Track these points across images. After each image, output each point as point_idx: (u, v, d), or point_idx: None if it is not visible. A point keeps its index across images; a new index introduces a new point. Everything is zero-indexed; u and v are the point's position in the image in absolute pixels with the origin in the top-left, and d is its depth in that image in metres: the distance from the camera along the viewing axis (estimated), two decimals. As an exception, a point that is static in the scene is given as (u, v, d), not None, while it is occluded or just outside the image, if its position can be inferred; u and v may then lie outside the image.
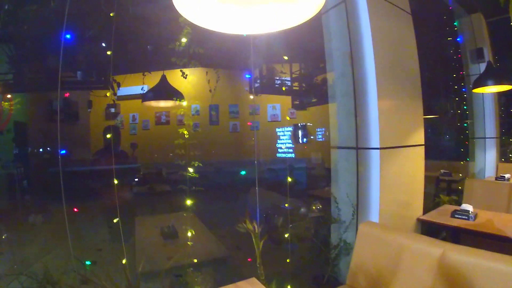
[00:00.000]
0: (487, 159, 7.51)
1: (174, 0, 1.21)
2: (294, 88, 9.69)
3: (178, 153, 3.38)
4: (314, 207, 4.95)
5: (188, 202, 3.40)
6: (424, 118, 4.11)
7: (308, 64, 9.34)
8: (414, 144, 3.89)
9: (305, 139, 10.93)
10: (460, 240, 4.64)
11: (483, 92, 4.92)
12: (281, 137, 10.93)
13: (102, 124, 8.77)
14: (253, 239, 2.87)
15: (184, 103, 3.99)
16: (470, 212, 3.87)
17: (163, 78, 4.47)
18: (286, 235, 3.75)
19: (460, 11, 7.55)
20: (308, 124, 10.96)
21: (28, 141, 8.02)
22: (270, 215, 4.90)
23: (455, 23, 7.82)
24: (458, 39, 7.81)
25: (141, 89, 7.01)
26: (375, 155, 3.37)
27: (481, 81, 4.12)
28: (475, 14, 7.59)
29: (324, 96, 4.21)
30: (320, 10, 1.29)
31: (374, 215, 3.44)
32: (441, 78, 8.24)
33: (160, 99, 4.58)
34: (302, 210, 4.92)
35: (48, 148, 7.89)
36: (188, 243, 3.34)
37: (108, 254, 4.08)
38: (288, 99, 10.38)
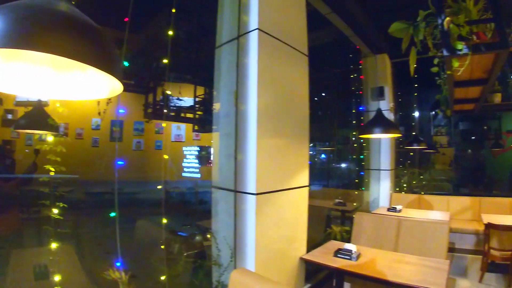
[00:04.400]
0: (381, 189, 7.54)
1: None
2: (198, 112, 8.93)
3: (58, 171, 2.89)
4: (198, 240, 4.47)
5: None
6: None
7: (210, 90, 8.59)
8: (298, 186, 3.61)
9: (210, 162, 10.26)
10: (344, 280, 4.44)
11: (369, 137, 4.78)
12: (188, 157, 10.31)
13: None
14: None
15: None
16: (353, 252, 3.65)
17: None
18: (163, 278, 3.28)
19: (366, 51, 7.53)
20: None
21: None
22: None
23: (360, 62, 7.83)
24: (361, 77, 7.84)
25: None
26: (251, 200, 3.02)
27: (366, 129, 3.95)
28: (381, 54, 7.63)
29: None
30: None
31: (250, 260, 3.09)
32: (345, 112, 8.29)
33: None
34: (197, 238, 4.46)
35: None
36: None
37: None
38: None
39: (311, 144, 8.11)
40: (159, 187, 3.53)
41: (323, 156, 9.47)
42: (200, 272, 3.33)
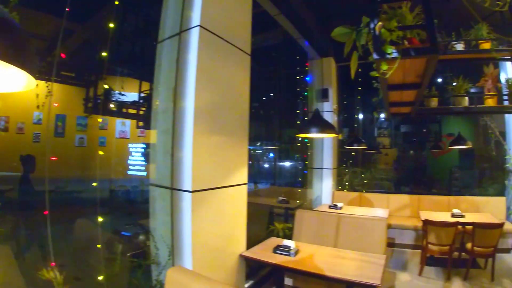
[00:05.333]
0: (324, 187, 7.66)
1: None
2: (142, 108, 8.45)
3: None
4: (141, 240, 4.35)
5: None
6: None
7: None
8: (236, 183, 3.57)
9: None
10: (286, 276, 4.46)
11: (306, 137, 4.83)
12: (134, 154, 9.93)
13: None
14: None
15: None
16: (291, 248, 3.66)
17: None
18: (101, 277, 3.14)
19: (313, 54, 7.63)
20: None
21: None
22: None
23: (307, 64, 7.93)
24: (307, 79, 7.93)
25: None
26: (187, 198, 2.94)
27: (304, 128, 3.99)
28: (327, 58, 7.75)
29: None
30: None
31: (187, 258, 3.00)
32: (291, 113, 8.36)
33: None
34: (141, 237, 4.32)
35: None
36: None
37: None
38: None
39: (258, 143, 8.12)
40: (94, 184, 3.37)
41: (271, 155, 9.53)
42: (139, 271, 3.21)
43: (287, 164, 9.55)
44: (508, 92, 5.03)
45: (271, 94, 8.63)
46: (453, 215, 5.90)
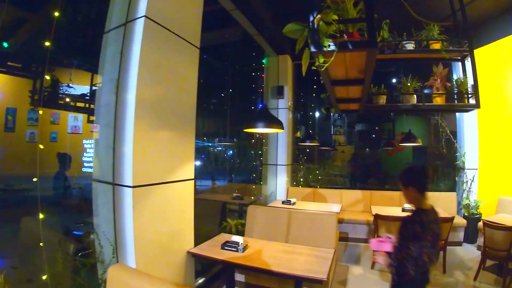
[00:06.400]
0: (278, 183, 7.68)
1: None
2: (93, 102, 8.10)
3: None
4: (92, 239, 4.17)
5: None
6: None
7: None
8: (182, 179, 3.45)
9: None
10: (237, 272, 4.40)
11: (253, 132, 4.79)
12: (88, 150, 9.55)
13: None
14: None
15: None
16: (240, 244, 3.63)
17: None
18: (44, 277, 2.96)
19: (269, 51, 7.60)
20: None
21: None
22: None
23: (263, 61, 7.90)
24: (263, 75, 7.91)
25: None
26: (128, 193, 2.81)
27: (250, 123, 3.94)
28: (283, 55, 7.75)
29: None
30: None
31: (131, 256, 2.87)
32: (248, 109, 8.33)
33: None
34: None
35: None
36: None
37: None
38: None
39: (216, 140, 8.04)
40: (34, 179, 3.17)
41: (230, 152, 9.46)
42: (83, 270, 3.06)
43: (244, 161, 9.51)
44: (457, 91, 5.19)
45: (230, 91, 8.55)
46: (403, 210, 6.05)
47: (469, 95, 5.06)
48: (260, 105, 7.85)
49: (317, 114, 11.22)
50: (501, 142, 6.83)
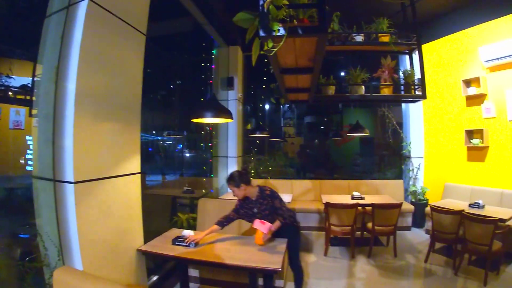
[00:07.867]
0: (230, 175, 7.61)
1: None
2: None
3: None
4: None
5: None
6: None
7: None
8: (128, 173, 3.26)
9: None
10: (191, 267, 4.28)
11: (202, 122, 4.68)
12: (32, 147, 8.90)
13: None
14: None
15: None
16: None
17: None
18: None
19: (220, 41, 7.45)
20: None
21: None
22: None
23: (213, 51, 7.75)
24: (213, 66, 7.77)
25: None
26: (70, 190, 2.60)
27: (197, 113, 3.83)
28: (234, 46, 7.63)
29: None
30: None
31: (77, 257, 2.67)
32: (198, 100, 8.16)
33: None
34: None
35: None
36: None
37: None
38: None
39: (166, 133, 7.80)
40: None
41: (180, 145, 9.21)
42: (29, 275, 2.81)
43: (194, 153, 9.31)
44: (404, 83, 5.33)
45: (179, 82, 8.30)
46: (353, 198, 6.18)
47: (416, 87, 5.21)
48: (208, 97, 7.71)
49: (267, 107, 11.27)
50: (445, 132, 7.16)
